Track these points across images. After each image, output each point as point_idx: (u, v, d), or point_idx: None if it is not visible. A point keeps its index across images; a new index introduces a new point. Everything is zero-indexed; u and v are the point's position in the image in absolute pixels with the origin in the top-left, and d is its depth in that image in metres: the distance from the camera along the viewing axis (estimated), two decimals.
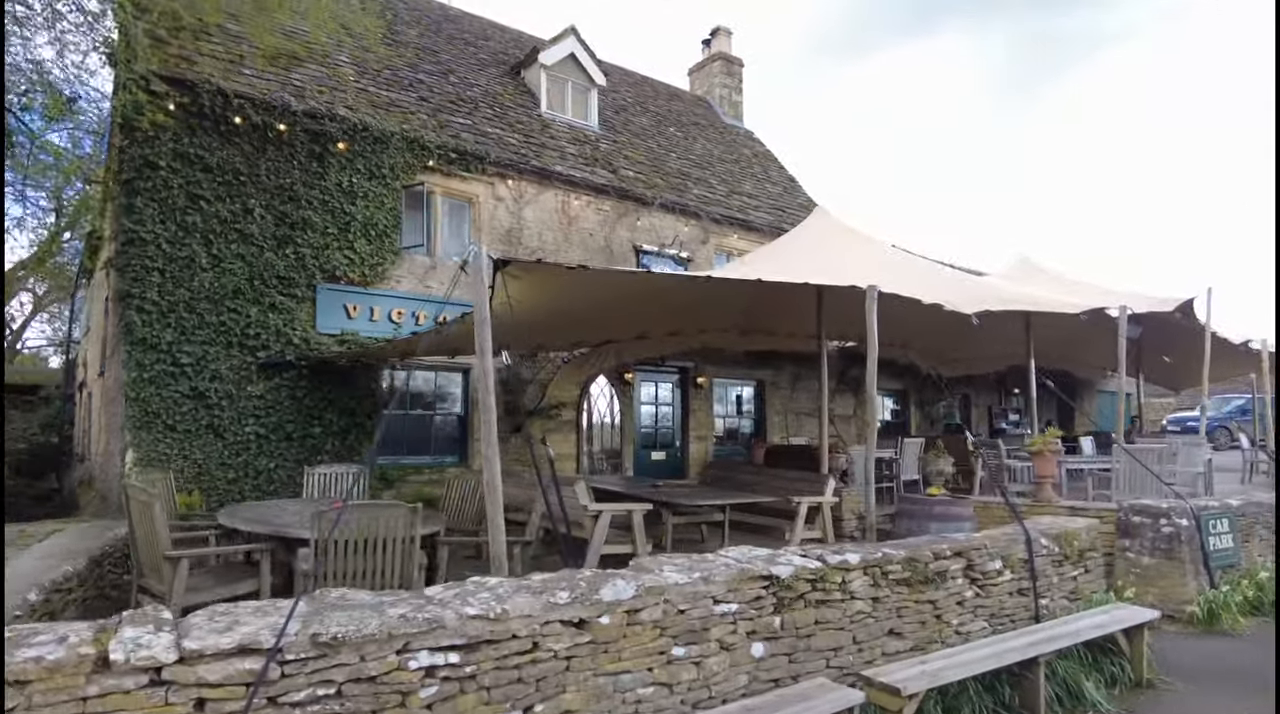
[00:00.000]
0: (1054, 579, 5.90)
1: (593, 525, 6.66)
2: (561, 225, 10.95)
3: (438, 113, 10.52)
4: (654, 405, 12.07)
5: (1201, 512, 7.45)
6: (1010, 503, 6.08)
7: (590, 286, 7.58)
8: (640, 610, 3.84)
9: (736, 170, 14.84)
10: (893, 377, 15.80)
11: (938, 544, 5.22)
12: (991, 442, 10.67)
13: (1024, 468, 10.36)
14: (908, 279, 9.78)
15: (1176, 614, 7.05)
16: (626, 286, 8.00)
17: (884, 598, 4.81)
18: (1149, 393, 32.13)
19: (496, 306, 6.04)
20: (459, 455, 9.95)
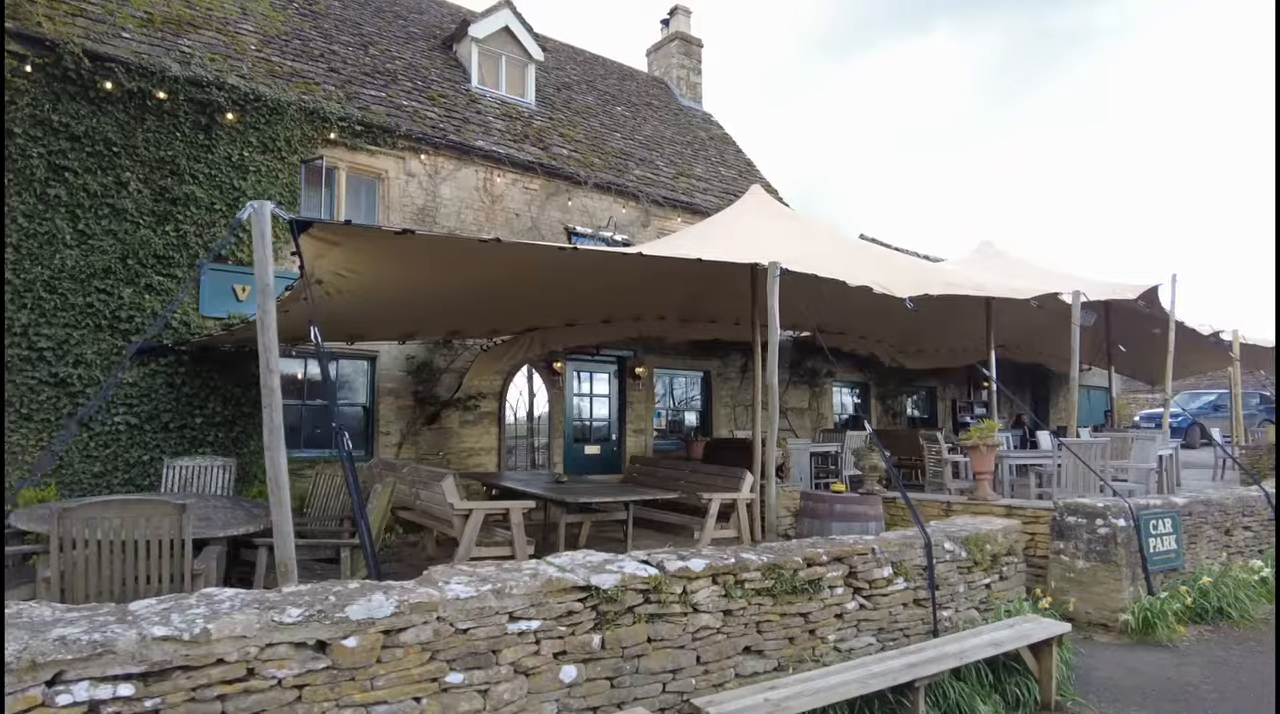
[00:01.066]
0: (960, 588, 5.27)
1: (462, 525, 6.03)
2: (484, 204, 10.30)
3: (348, 84, 9.87)
4: (588, 397, 11.44)
5: (1142, 511, 6.81)
6: (907, 500, 5.45)
7: (483, 266, 6.93)
8: (403, 630, 3.21)
9: (688, 153, 14.18)
10: (853, 368, 15.18)
11: (813, 548, 4.59)
12: (930, 434, 10.03)
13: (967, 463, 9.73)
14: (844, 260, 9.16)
15: (1110, 623, 6.44)
16: (523, 267, 7.33)
17: (739, 611, 4.18)
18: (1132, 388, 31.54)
19: (326, 278, 5.40)
20: (365, 449, 9.32)
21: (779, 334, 6.37)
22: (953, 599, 5.20)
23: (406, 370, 9.51)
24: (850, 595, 4.69)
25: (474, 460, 9.88)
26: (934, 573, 5.03)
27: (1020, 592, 5.85)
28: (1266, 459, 11.71)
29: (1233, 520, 7.82)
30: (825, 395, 14.55)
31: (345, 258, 5.07)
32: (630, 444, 11.61)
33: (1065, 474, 7.98)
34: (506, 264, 7.21)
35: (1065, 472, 7.98)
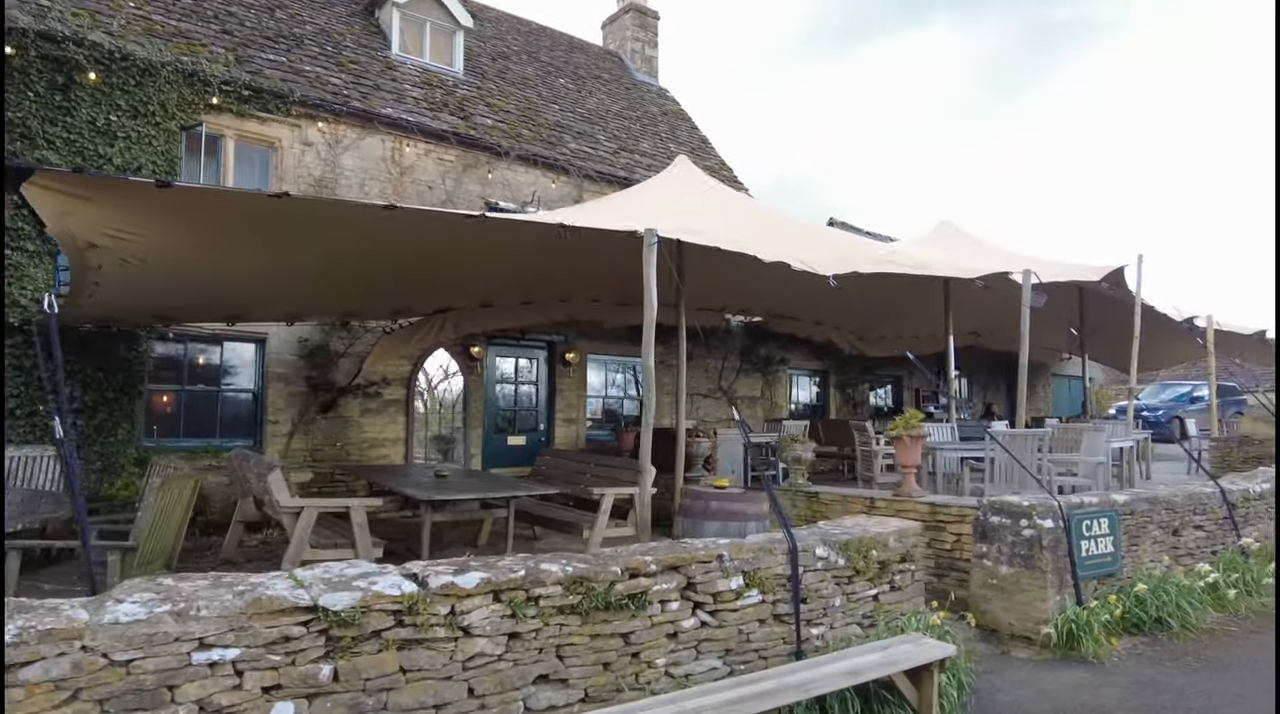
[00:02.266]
0: (836, 601, 4.56)
1: (293, 524, 5.35)
2: (391, 176, 9.58)
3: (243, 47, 9.13)
4: (513, 384, 10.73)
5: (1074, 511, 6.10)
6: (774, 500, 4.73)
7: (366, 239, 6.22)
8: (28, 664, 2.53)
9: (636, 127, 13.42)
10: (810, 355, 14.45)
11: (639, 556, 3.88)
12: (860, 424, 9.32)
13: None
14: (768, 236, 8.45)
15: (1033, 636, 5.75)
16: (418, 241, 6.58)
17: (531, 634, 3.48)
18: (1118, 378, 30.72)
19: (101, 242, 4.69)
20: (253, 438, 8.64)
21: (653, 310, 5.63)
22: (826, 614, 4.50)
23: (299, 354, 8.82)
24: (689, 611, 3.99)
25: (377, 452, 9.19)
26: (800, 584, 4.33)
27: (919, 603, 5.14)
28: (1237, 452, 10.98)
29: (1182, 519, 7.10)
30: (779, 383, 13.82)
31: (118, 218, 4.36)
32: (560, 435, 10.92)
33: (999, 468, 7.27)
34: (392, 236, 6.48)
35: (999, 466, 7.27)
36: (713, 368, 12.76)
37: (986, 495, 7.38)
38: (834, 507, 7.67)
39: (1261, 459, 10.45)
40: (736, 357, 13.08)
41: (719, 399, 12.81)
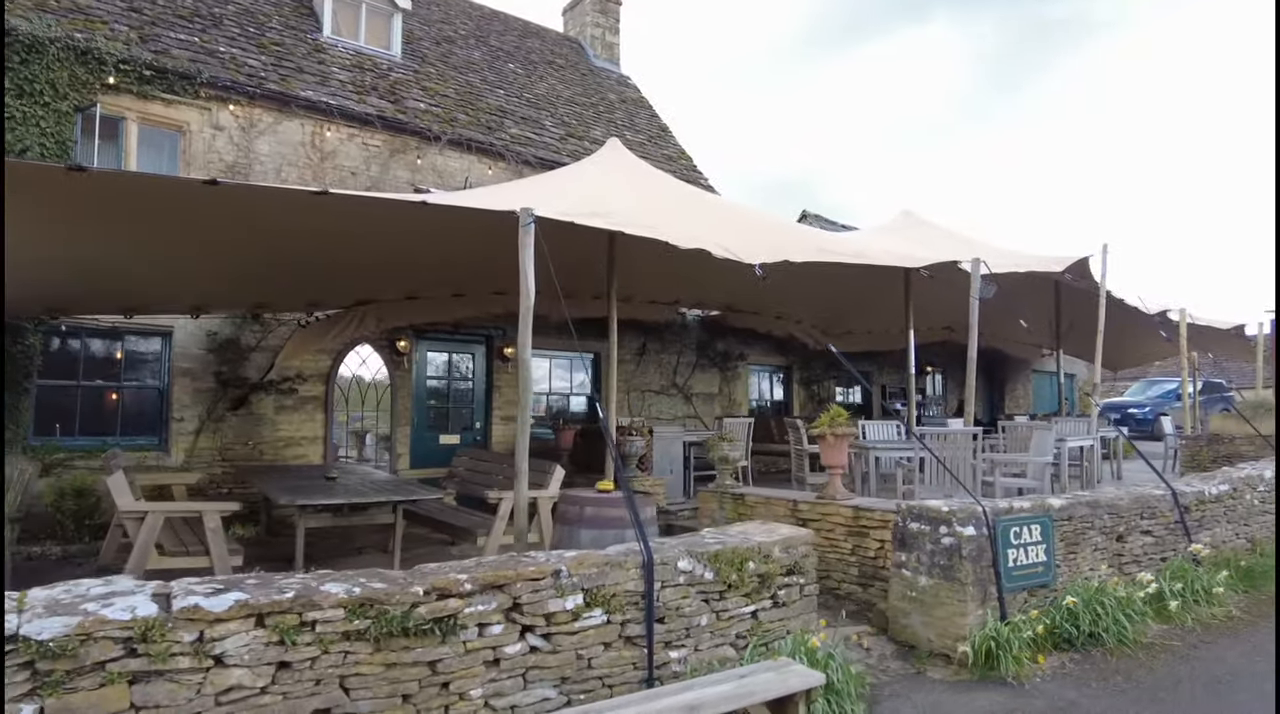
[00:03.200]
0: (702, 620, 4.09)
1: (137, 529, 4.90)
2: (311, 162, 9.12)
3: (150, 25, 8.68)
4: (446, 380, 10.27)
5: (1001, 517, 5.63)
6: (631, 503, 4.24)
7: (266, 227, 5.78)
8: None
9: (589, 114, 12.94)
10: (772, 350, 13.97)
11: (450, 575, 3.42)
12: (793, 421, 8.84)
13: None
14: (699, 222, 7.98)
15: (951, 654, 5.28)
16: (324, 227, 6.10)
17: (305, 662, 3.02)
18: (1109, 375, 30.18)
19: None
20: (157, 436, 8.19)
21: (530, 298, 5.16)
22: (690, 635, 4.03)
23: (208, 348, 8.36)
24: (516, 635, 3.52)
25: (293, 451, 8.75)
26: (654, 602, 3.86)
27: (809, 620, 4.67)
28: (1206, 451, 10.49)
29: (1128, 525, 6.61)
30: (738, 380, 13.34)
31: None
32: (499, 433, 10.46)
33: (931, 470, 6.79)
34: (294, 222, 6.02)
35: (930, 466, 6.79)
36: (667, 363, 12.29)
37: (918, 498, 6.92)
38: (759, 509, 7.20)
39: (1231, 458, 9.96)
40: (693, 352, 12.61)
41: (673, 396, 12.35)
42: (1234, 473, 8.00)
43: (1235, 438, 10.06)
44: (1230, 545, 7.59)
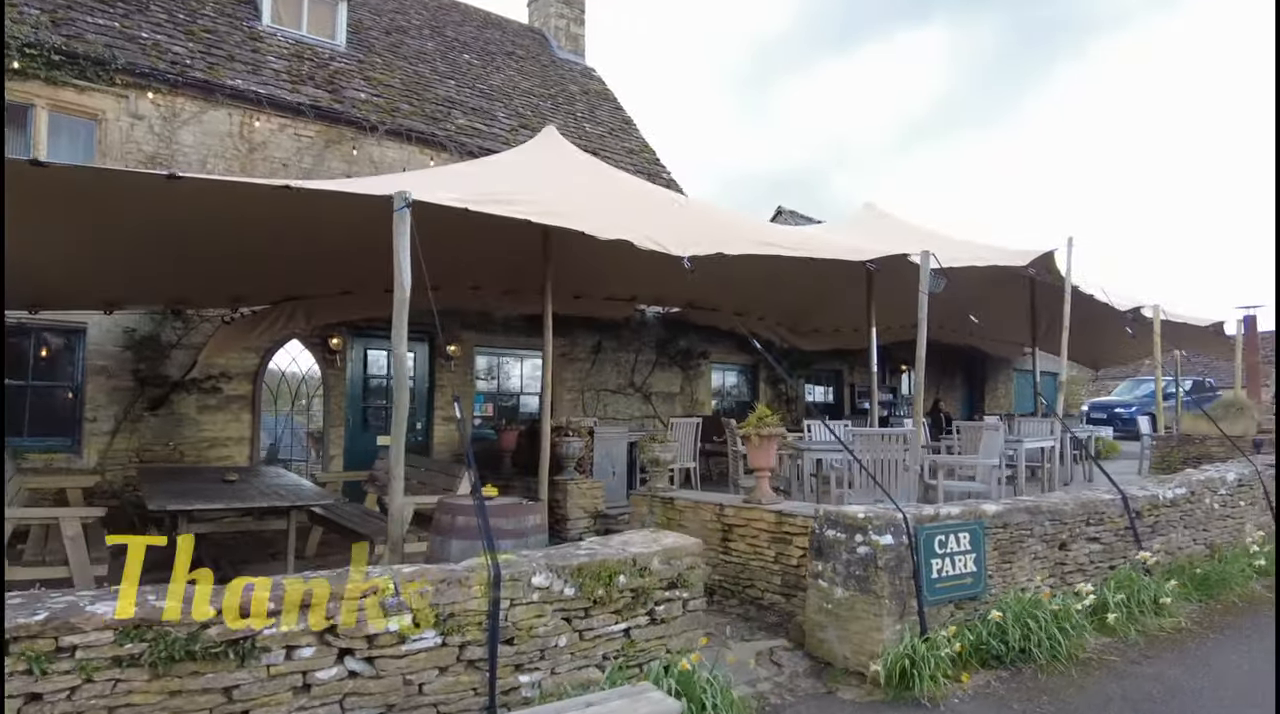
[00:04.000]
0: (561, 640, 3.73)
1: None
2: (239, 153, 8.78)
3: (66, 9, 8.35)
4: (384, 379, 9.92)
5: (924, 524, 5.27)
6: (481, 511, 3.89)
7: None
8: None
9: (546, 106, 12.60)
10: (737, 348, 13.61)
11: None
12: (729, 421, 8.48)
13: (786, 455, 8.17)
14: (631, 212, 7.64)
15: (865, 672, 4.93)
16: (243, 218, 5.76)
17: (61, 694, 2.69)
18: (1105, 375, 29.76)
19: None
20: (70, 437, 7.86)
21: (405, 289, 4.81)
22: (545, 657, 3.67)
23: (125, 346, 8.03)
24: (332, 658, 3.18)
25: (217, 453, 8.41)
26: (499, 621, 3.51)
27: (693, 638, 4.31)
28: (1177, 452, 10.11)
29: (1072, 531, 6.24)
30: (701, 378, 12.98)
31: None
32: (441, 434, 10.11)
33: (858, 471, 6.43)
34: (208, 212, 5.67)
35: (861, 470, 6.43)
36: (624, 362, 11.93)
37: (850, 503, 6.57)
38: (688, 514, 6.85)
39: (1201, 459, 9.57)
40: (652, 350, 12.25)
41: (631, 395, 12.00)
42: (1193, 476, 7.62)
43: (1207, 438, 9.68)
44: (1187, 552, 7.21)
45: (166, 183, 4.30)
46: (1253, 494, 8.09)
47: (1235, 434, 9.78)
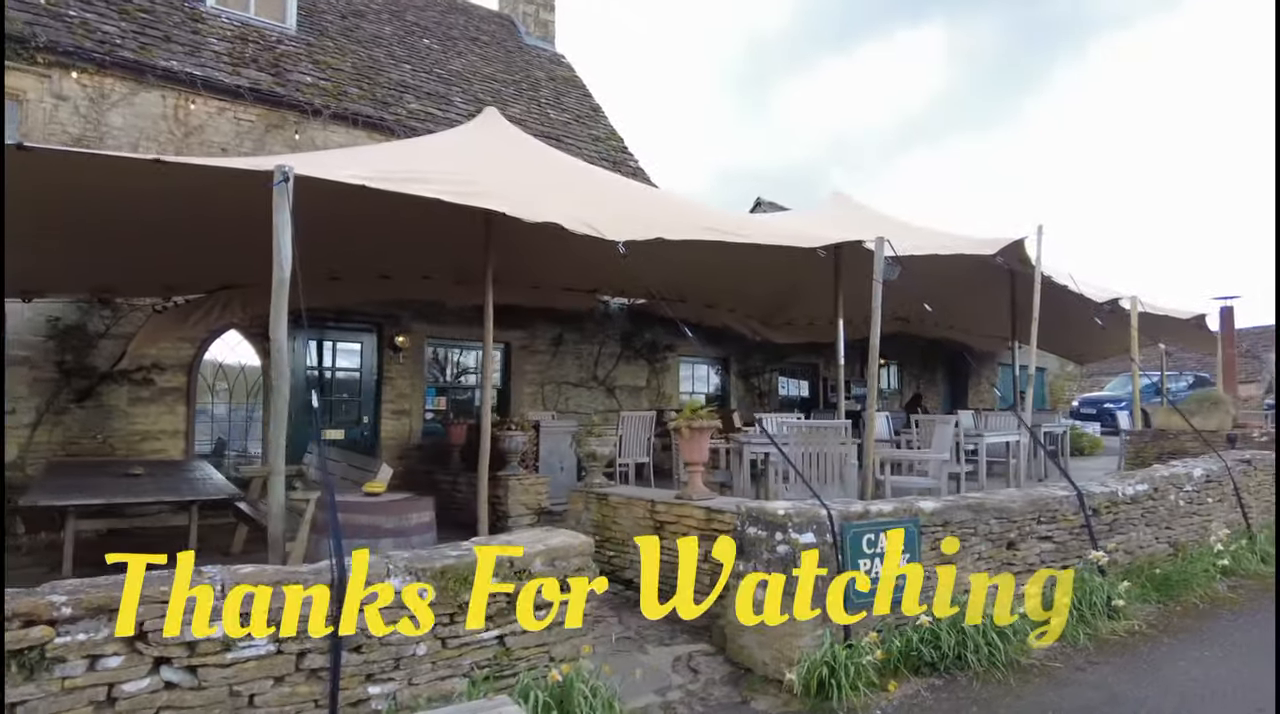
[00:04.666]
0: (419, 648, 3.42)
1: None
2: (174, 137, 8.47)
3: None
4: (330, 371, 9.62)
5: (850, 522, 4.95)
6: (332, 508, 3.59)
7: None
8: None
9: (509, 91, 12.28)
10: (707, 341, 13.26)
11: (45, 597, 2.77)
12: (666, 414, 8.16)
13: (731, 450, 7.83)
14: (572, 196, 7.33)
15: (783, 680, 4.62)
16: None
17: None
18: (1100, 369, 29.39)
19: None
20: None
21: (285, 270, 4.50)
22: (399, 666, 3.36)
23: (48, 335, 7.73)
24: (146, 668, 2.87)
25: (150, 446, 8.12)
26: (339, 625, 3.20)
27: (578, 645, 3.99)
28: (1151, 447, 9.78)
29: (1021, 530, 5.92)
30: (668, 372, 12.66)
31: None
32: (389, 428, 9.81)
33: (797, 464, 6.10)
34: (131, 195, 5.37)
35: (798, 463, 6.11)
36: (587, 355, 11.61)
37: (780, 498, 6.26)
38: (621, 511, 6.55)
39: (1175, 454, 9.22)
40: (616, 342, 11.93)
41: (594, 389, 11.68)
42: (1157, 471, 7.30)
43: (1181, 433, 9.34)
44: (1149, 551, 6.89)
45: (17, 153, 3.98)
46: (1222, 490, 7.77)
47: (1210, 429, 9.46)
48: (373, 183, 5.18)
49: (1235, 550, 7.19)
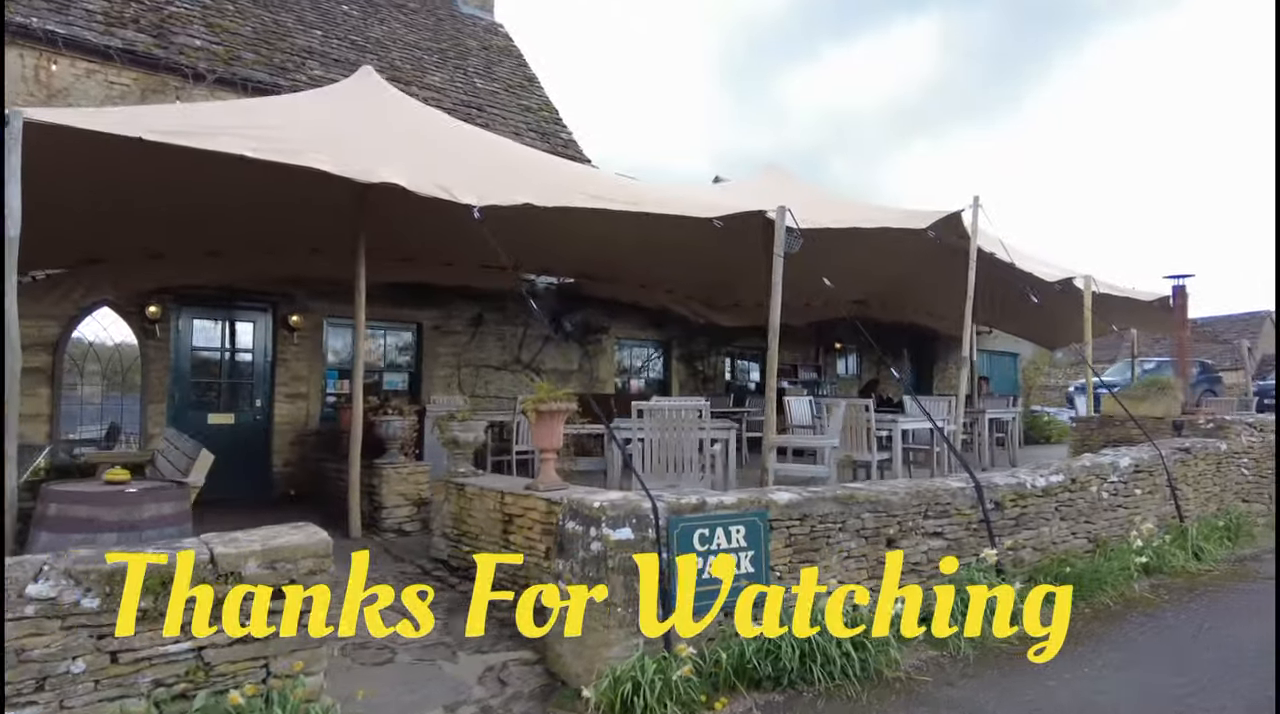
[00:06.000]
0: (74, 667, 2.86)
1: None
2: (36, 98, 7.90)
3: None
4: (218, 352, 9.08)
5: (679, 516, 4.38)
6: None
7: None
8: None
9: (432, 59, 11.67)
10: (646, 323, 12.71)
11: None
12: None
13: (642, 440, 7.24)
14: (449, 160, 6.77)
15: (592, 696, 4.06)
16: None
17: None
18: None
19: None
20: None
21: (14, 228, 3.93)
22: (46, 686, 2.81)
23: None
24: None
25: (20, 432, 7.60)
26: None
27: (318, 656, 3.44)
28: (1097, 435, 9.16)
29: (903, 525, 5.33)
30: (603, 355, 12.08)
31: None
32: (284, 412, 9.26)
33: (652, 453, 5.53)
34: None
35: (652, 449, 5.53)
36: (510, 336, 11.04)
37: (634, 488, 5.70)
38: (475, 503, 5.99)
39: (1120, 442, 8.59)
40: (544, 323, 11.35)
41: (518, 372, 11.12)
42: (1076, 461, 6.70)
43: (1127, 421, 8.71)
44: (1063, 548, 6.30)
45: None
46: (1153, 481, 7.16)
47: (1157, 415, 8.84)
48: (153, 136, 4.61)
49: (1159, 546, 6.59)
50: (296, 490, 8.92)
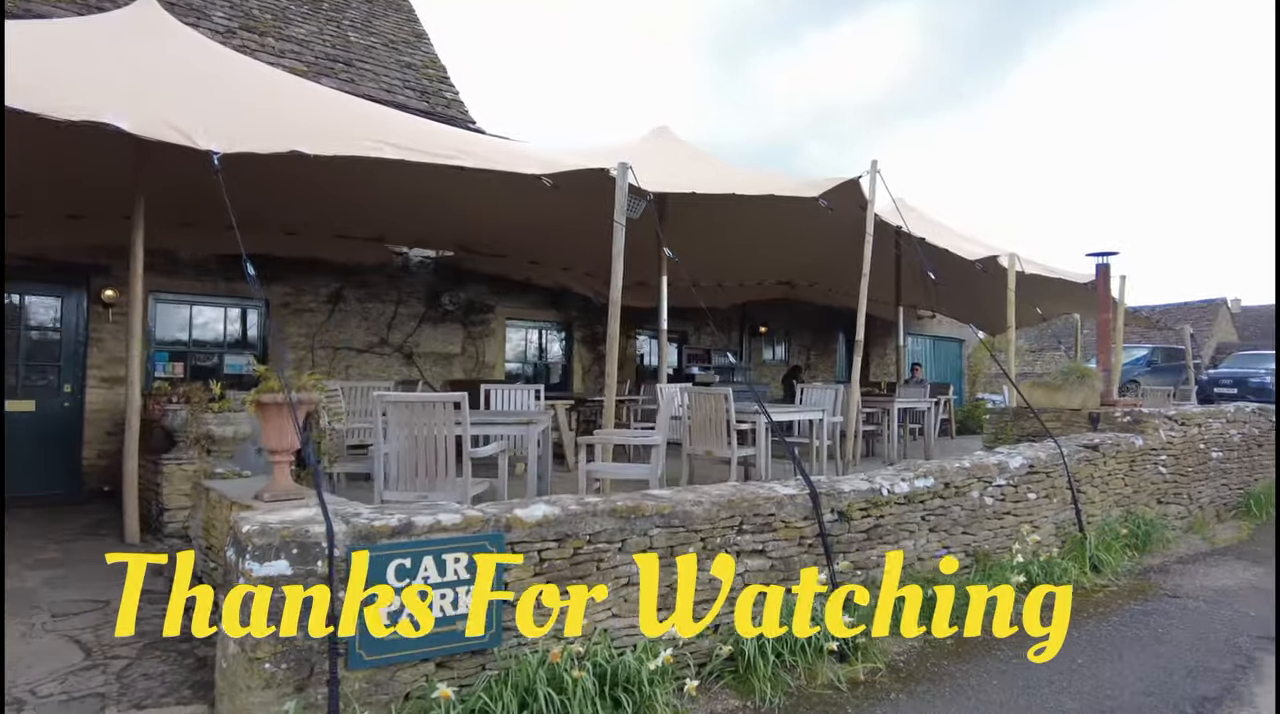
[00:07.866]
0: None
1: None
2: None
3: None
4: (18, 330, 7.99)
5: (375, 542, 3.39)
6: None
7: None
8: None
9: (300, 10, 10.47)
10: (542, 303, 11.69)
11: None
12: None
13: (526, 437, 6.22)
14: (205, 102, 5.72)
15: None
16: None
17: None
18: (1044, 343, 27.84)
19: None
20: None
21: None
22: None
23: None
24: None
25: None
26: None
27: None
28: (1011, 427, 8.22)
29: (709, 542, 4.35)
30: (491, 337, 11.03)
31: None
32: (98, 398, 8.19)
33: (395, 458, 4.51)
34: None
35: (395, 453, 4.51)
36: (378, 315, 9.97)
37: (380, 500, 4.73)
38: (218, 512, 4.98)
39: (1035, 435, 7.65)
40: (419, 302, 10.29)
41: (387, 355, 10.07)
42: (953, 462, 5.74)
43: (1044, 411, 7.78)
44: (930, 565, 5.35)
45: None
46: (1052, 484, 6.23)
47: (1074, 407, 7.91)
48: None
49: (1047, 560, 5.66)
50: (111, 486, 7.87)
